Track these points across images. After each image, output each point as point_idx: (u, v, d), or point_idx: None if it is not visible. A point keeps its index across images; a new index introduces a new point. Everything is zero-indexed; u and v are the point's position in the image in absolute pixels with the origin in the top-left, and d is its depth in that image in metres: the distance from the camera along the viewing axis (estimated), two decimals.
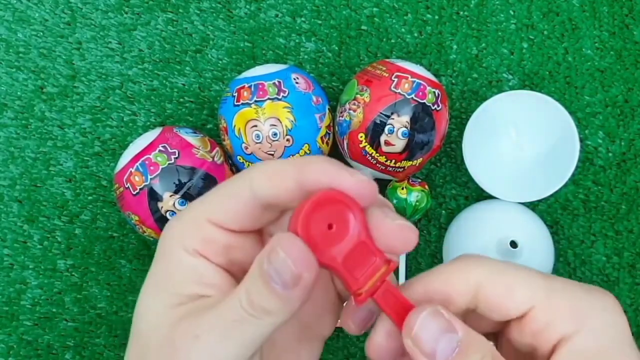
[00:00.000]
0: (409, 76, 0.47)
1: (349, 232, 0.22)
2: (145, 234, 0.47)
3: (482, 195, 0.53)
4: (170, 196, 0.45)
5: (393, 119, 0.46)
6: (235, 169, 0.50)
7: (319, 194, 0.22)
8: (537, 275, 0.23)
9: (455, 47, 0.55)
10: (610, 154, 0.54)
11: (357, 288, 0.22)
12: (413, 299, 0.23)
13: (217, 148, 0.49)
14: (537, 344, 0.22)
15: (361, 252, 0.22)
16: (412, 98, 0.46)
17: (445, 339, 0.21)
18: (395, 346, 0.23)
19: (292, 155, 0.47)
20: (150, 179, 0.45)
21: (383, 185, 0.52)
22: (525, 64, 0.55)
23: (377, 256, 0.22)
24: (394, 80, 0.47)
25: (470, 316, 0.24)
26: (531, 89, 0.54)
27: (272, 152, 0.47)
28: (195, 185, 0.45)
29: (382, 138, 0.46)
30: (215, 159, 0.47)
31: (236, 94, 0.47)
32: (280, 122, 0.46)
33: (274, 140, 0.46)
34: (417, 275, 0.24)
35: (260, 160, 0.47)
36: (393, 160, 0.47)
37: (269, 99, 0.46)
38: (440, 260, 0.54)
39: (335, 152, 0.52)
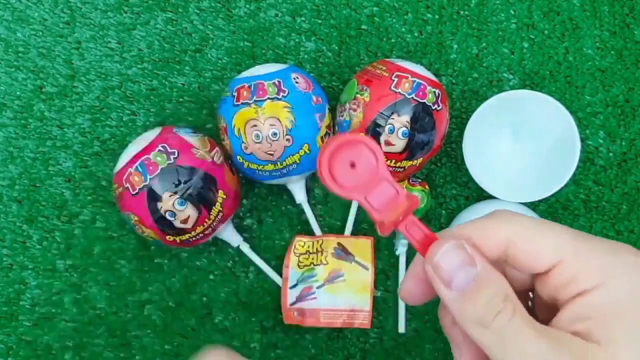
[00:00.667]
0: (409, 76, 0.47)
1: (370, 169, 0.25)
2: (144, 234, 0.47)
3: (482, 196, 0.53)
4: (170, 196, 0.45)
5: (393, 118, 0.46)
6: (235, 169, 0.50)
7: (341, 136, 0.25)
8: (565, 232, 0.23)
9: (455, 46, 0.55)
10: (611, 154, 0.54)
11: (380, 218, 0.25)
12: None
13: (217, 148, 0.49)
14: (558, 296, 0.23)
15: (384, 189, 0.25)
16: (412, 98, 0.46)
17: (463, 271, 0.23)
18: (423, 289, 0.25)
19: (292, 156, 0.47)
20: (150, 179, 0.45)
21: None
22: (525, 64, 0.55)
23: (400, 193, 0.25)
24: (394, 80, 0.46)
25: (503, 267, 0.25)
26: (532, 89, 0.54)
27: (272, 152, 0.46)
28: (194, 185, 0.45)
29: (382, 138, 0.46)
30: (215, 159, 0.47)
31: (236, 94, 0.47)
32: (280, 122, 0.46)
33: (273, 140, 0.46)
34: (449, 227, 0.25)
35: (260, 160, 0.47)
36: (393, 160, 0.47)
37: (268, 98, 0.46)
38: None
39: None
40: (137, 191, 0.45)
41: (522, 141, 0.52)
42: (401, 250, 0.52)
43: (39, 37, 0.54)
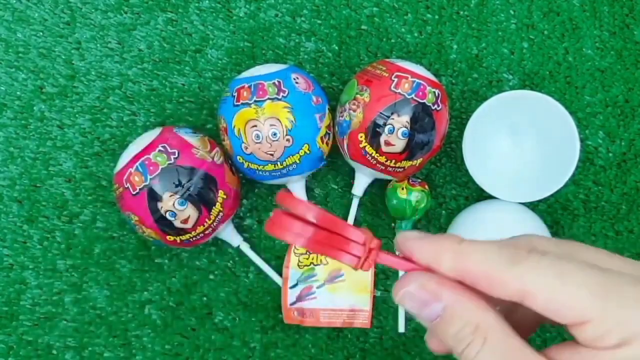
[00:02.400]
0: (409, 76, 0.47)
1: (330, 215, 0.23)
2: (144, 234, 0.47)
3: (482, 196, 0.53)
4: (170, 196, 0.45)
5: (393, 119, 0.46)
6: (235, 169, 0.50)
7: (274, 215, 0.23)
8: (592, 284, 0.21)
9: (455, 46, 0.55)
10: (610, 154, 0.54)
11: (356, 262, 0.24)
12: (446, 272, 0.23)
13: (217, 148, 0.49)
14: (587, 344, 0.21)
15: (329, 239, 0.23)
16: (412, 98, 0.46)
17: (427, 309, 0.23)
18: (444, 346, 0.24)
19: (292, 156, 0.47)
20: (150, 179, 0.45)
21: (383, 186, 0.52)
22: (525, 64, 0.55)
23: (363, 231, 0.24)
24: (394, 80, 0.46)
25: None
26: (531, 89, 0.54)
27: (272, 152, 0.46)
28: (195, 185, 0.45)
29: (382, 138, 0.46)
30: (215, 159, 0.47)
31: (236, 94, 0.47)
32: (280, 122, 0.46)
33: (273, 141, 0.46)
34: (450, 232, 0.24)
35: (260, 160, 0.47)
36: (393, 160, 0.47)
37: (268, 99, 0.46)
38: None
39: (335, 152, 0.52)
40: (137, 191, 0.45)
41: (522, 141, 0.52)
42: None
43: (39, 37, 0.54)
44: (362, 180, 0.51)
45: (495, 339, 0.21)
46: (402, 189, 0.50)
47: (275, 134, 0.46)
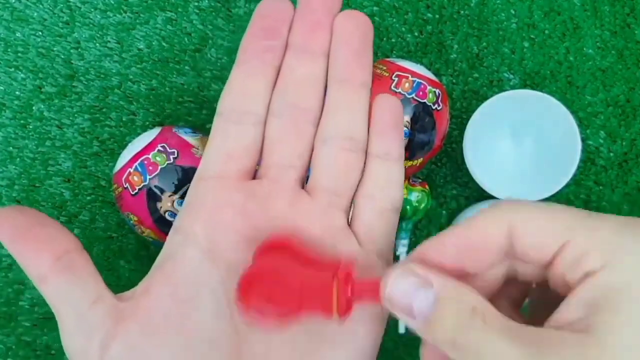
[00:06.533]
0: (410, 75, 0.47)
1: (289, 282, 0.23)
2: (144, 234, 0.47)
3: (483, 196, 0.53)
4: (170, 196, 0.45)
5: None
6: None
7: (240, 280, 0.23)
8: (575, 213, 0.21)
9: (456, 46, 0.54)
10: (611, 154, 0.54)
11: (332, 315, 0.23)
12: (448, 253, 0.23)
13: None
14: (568, 283, 0.21)
15: (312, 285, 0.22)
16: (412, 98, 0.46)
17: (420, 294, 0.21)
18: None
19: None
20: (149, 179, 0.44)
21: None
22: (526, 64, 0.54)
23: (324, 276, 0.22)
24: (394, 80, 0.46)
25: (515, 270, 0.24)
26: (532, 89, 0.54)
27: None
28: None
29: None
30: None
31: None
32: None
33: None
34: (447, 230, 0.23)
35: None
36: None
37: None
38: None
39: None
40: (136, 191, 0.45)
41: (523, 141, 0.52)
42: (401, 250, 0.52)
43: (38, 36, 0.54)
44: None
45: (493, 318, 0.21)
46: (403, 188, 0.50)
47: None
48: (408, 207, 0.50)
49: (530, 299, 0.26)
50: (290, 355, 0.26)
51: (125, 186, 0.45)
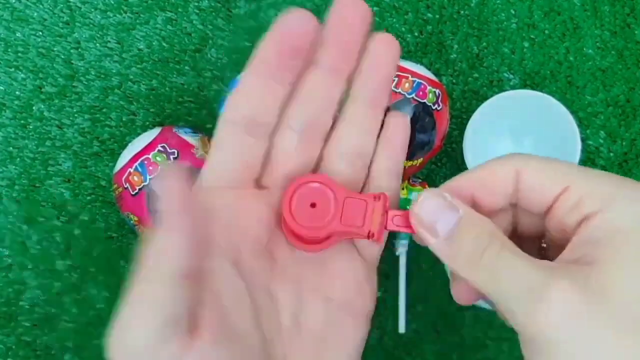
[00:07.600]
0: (410, 75, 0.47)
1: (330, 201, 0.25)
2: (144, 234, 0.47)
3: None
4: None
5: None
6: None
7: (291, 187, 0.25)
8: (574, 165, 0.23)
9: (456, 46, 0.54)
10: (611, 154, 0.54)
11: (366, 234, 0.24)
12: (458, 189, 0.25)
13: None
14: (566, 228, 0.22)
15: (352, 207, 0.25)
16: (412, 98, 0.46)
17: (445, 215, 0.23)
18: (472, 291, 0.25)
19: None
20: (150, 179, 0.44)
21: None
22: (526, 64, 0.54)
23: (366, 200, 0.25)
24: (394, 80, 0.46)
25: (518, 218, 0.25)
26: (532, 89, 0.54)
27: None
28: None
29: None
30: None
31: None
32: None
33: None
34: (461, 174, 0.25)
35: None
36: None
37: None
38: (441, 261, 0.54)
39: None
40: (136, 191, 0.45)
41: (523, 141, 0.52)
42: (401, 250, 0.52)
43: (38, 37, 0.54)
44: None
45: (509, 244, 0.22)
46: (403, 189, 0.50)
47: None
48: (408, 207, 0.50)
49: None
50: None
51: (126, 186, 0.45)
